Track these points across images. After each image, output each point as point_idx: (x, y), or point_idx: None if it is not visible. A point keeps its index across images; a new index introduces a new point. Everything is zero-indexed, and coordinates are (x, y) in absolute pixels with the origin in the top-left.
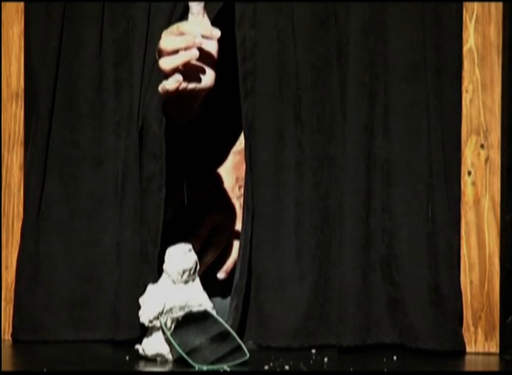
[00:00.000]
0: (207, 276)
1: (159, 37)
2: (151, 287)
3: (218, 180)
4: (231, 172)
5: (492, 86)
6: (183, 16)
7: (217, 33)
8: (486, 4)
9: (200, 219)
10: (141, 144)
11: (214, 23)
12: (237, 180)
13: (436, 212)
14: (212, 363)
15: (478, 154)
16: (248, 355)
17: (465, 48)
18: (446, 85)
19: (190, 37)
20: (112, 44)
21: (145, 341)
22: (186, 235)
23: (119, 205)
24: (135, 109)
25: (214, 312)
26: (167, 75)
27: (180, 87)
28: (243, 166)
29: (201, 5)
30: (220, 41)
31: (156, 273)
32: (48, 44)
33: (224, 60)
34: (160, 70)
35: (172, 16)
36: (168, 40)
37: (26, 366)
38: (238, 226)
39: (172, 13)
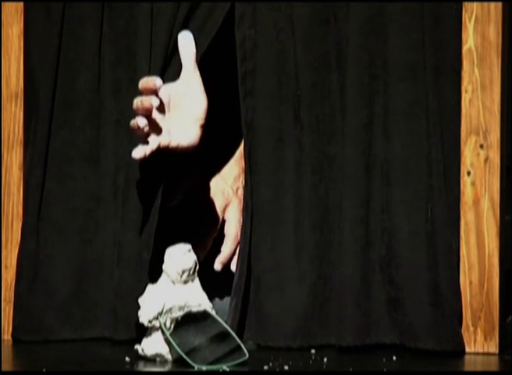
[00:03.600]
0: (206, 274)
1: (161, 37)
2: (150, 287)
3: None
4: (238, 161)
5: (492, 86)
6: (186, 16)
7: (158, 82)
8: (486, 4)
9: (206, 213)
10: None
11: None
12: (243, 169)
13: (436, 212)
14: (212, 363)
15: (478, 154)
16: (247, 355)
17: (464, 49)
18: (446, 85)
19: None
20: (111, 44)
21: (144, 341)
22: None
23: (123, 206)
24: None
25: (213, 312)
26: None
27: (161, 145)
28: None
29: (193, 58)
30: (220, 41)
31: (147, 277)
32: (48, 44)
33: (224, 60)
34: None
35: (175, 17)
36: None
37: (26, 366)
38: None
39: (174, 14)
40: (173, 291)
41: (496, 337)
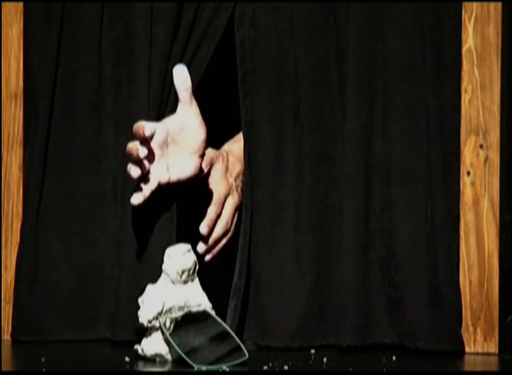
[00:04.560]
0: (206, 274)
1: (161, 37)
2: (150, 287)
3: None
4: (240, 160)
5: (492, 86)
6: (191, 20)
7: (147, 131)
8: (485, 4)
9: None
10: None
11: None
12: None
13: (435, 212)
14: (211, 363)
15: (478, 154)
16: (247, 355)
17: (464, 49)
18: (445, 85)
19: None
20: (111, 45)
21: (144, 341)
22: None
23: (123, 206)
24: (140, 110)
25: (213, 312)
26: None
27: (162, 182)
28: None
29: (189, 91)
30: (220, 41)
31: (148, 278)
32: (48, 44)
33: (223, 60)
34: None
35: (176, 18)
36: None
37: (25, 366)
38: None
39: (174, 14)
40: (173, 291)
41: (495, 337)
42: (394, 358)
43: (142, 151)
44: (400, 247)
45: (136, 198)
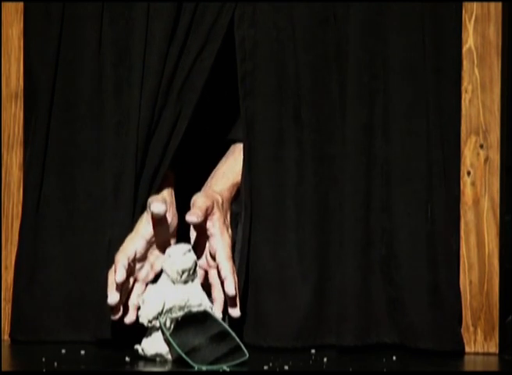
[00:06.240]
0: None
1: (159, 37)
2: (150, 287)
3: None
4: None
5: (492, 86)
6: (190, 21)
7: (119, 278)
8: (485, 4)
9: None
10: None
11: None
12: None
13: (436, 212)
14: (211, 363)
15: (478, 154)
16: (247, 355)
17: (464, 49)
18: (446, 85)
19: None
20: (111, 44)
21: (144, 341)
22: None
23: (123, 207)
24: (135, 110)
25: (213, 312)
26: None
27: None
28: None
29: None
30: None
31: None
32: (48, 44)
33: (223, 60)
34: None
35: (172, 17)
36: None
37: (25, 366)
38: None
39: (171, 14)
40: (173, 291)
41: (495, 337)
42: (394, 358)
43: (112, 300)
44: (400, 247)
45: (129, 317)
